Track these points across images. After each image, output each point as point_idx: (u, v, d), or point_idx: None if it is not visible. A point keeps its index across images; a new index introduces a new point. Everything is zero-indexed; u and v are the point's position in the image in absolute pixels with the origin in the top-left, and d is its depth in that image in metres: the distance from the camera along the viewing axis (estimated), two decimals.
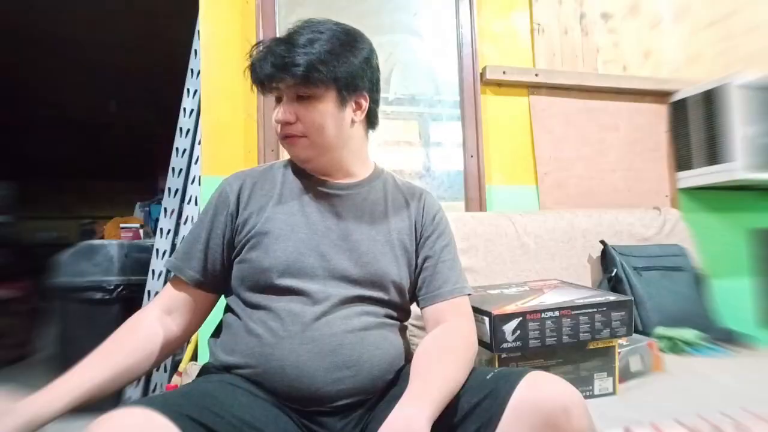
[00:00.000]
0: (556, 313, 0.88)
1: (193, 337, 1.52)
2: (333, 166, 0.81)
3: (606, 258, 1.45)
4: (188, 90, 1.68)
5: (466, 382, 0.66)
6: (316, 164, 0.80)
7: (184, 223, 1.60)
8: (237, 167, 0.90)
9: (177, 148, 1.68)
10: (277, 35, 1.45)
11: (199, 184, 1.52)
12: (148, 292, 1.64)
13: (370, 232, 0.79)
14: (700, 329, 1.27)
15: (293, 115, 0.75)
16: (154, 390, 1.61)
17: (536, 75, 1.61)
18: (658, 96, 1.76)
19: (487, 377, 0.66)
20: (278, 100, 0.78)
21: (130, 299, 1.88)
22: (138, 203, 3.00)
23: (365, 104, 0.80)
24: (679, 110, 1.74)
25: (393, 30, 1.59)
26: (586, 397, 0.91)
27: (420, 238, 0.83)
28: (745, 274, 1.76)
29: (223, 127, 1.39)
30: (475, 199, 1.55)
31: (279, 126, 0.77)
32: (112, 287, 1.88)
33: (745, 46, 1.82)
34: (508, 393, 0.60)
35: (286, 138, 0.77)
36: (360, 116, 0.81)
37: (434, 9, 1.62)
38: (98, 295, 1.87)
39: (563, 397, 0.58)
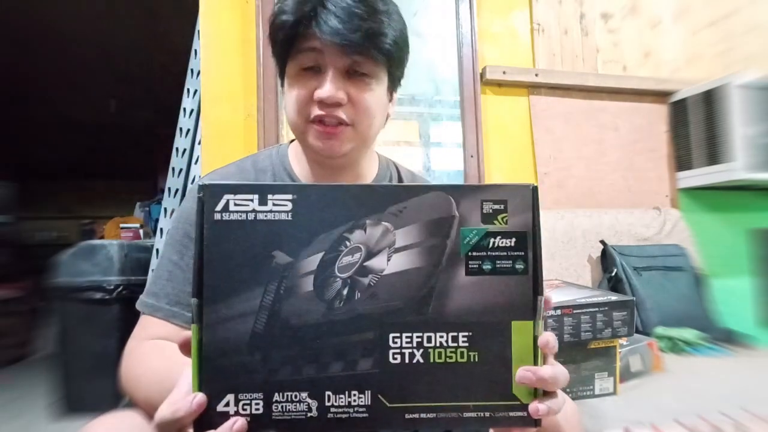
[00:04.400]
0: (558, 312, 0.88)
1: None
2: (352, 165, 0.67)
3: (606, 258, 1.45)
4: (188, 90, 1.68)
5: None
6: (344, 161, 0.64)
7: None
8: None
9: (177, 148, 1.68)
10: None
11: None
12: None
13: None
14: (700, 329, 1.27)
15: (345, 96, 0.58)
16: None
17: (536, 75, 1.61)
18: (658, 96, 1.76)
19: None
20: (309, 70, 0.59)
21: (130, 299, 1.87)
22: (138, 203, 3.00)
23: (396, 97, 0.68)
24: (679, 110, 1.74)
25: None
26: (586, 396, 0.91)
27: None
28: (745, 274, 1.76)
29: (223, 127, 1.39)
30: None
31: (313, 106, 0.58)
32: (112, 287, 1.88)
33: (745, 46, 1.82)
34: None
35: (322, 123, 0.59)
36: (393, 110, 0.68)
37: (434, 9, 1.62)
38: (98, 295, 1.87)
39: None
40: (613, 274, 1.40)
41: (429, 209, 0.36)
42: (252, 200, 0.35)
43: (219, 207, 0.35)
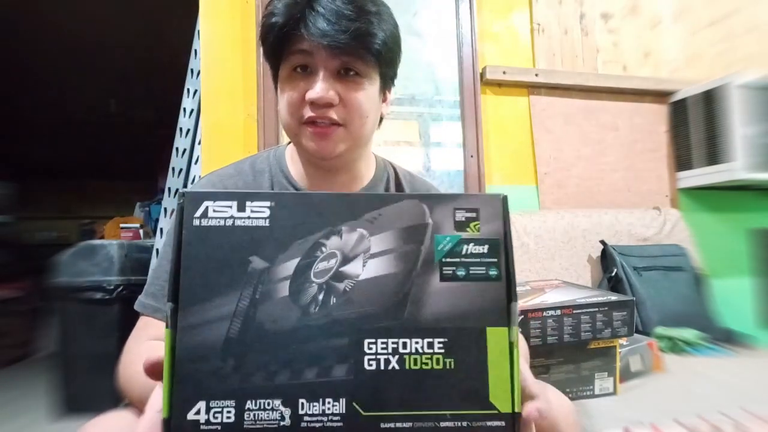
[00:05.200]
0: (558, 312, 0.88)
1: None
2: (347, 166, 0.67)
3: (606, 258, 1.45)
4: (188, 90, 1.68)
5: None
6: (338, 162, 0.64)
7: None
8: None
9: (177, 148, 1.68)
10: None
11: None
12: None
13: None
14: (700, 329, 1.27)
15: (336, 96, 0.58)
16: None
17: (536, 75, 1.61)
18: (658, 96, 1.76)
19: None
20: (302, 69, 0.59)
21: (130, 299, 1.86)
22: (138, 203, 3.01)
23: (390, 97, 0.69)
24: (679, 110, 1.74)
25: None
26: (586, 396, 0.91)
27: None
28: (745, 274, 1.76)
29: (222, 127, 1.39)
30: None
31: (305, 108, 0.59)
32: (112, 287, 1.88)
33: (745, 46, 1.82)
34: None
35: (315, 124, 0.59)
36: (387, 110, 0.68)
37: (434, 9, 1.62)
38: (98, 295, 1.87)
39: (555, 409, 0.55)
40: (613, 274, 1.40)
41: (403, 217, 0.36)
42: (231, 207, 0.35)
43: (198, 213, 0.35)
